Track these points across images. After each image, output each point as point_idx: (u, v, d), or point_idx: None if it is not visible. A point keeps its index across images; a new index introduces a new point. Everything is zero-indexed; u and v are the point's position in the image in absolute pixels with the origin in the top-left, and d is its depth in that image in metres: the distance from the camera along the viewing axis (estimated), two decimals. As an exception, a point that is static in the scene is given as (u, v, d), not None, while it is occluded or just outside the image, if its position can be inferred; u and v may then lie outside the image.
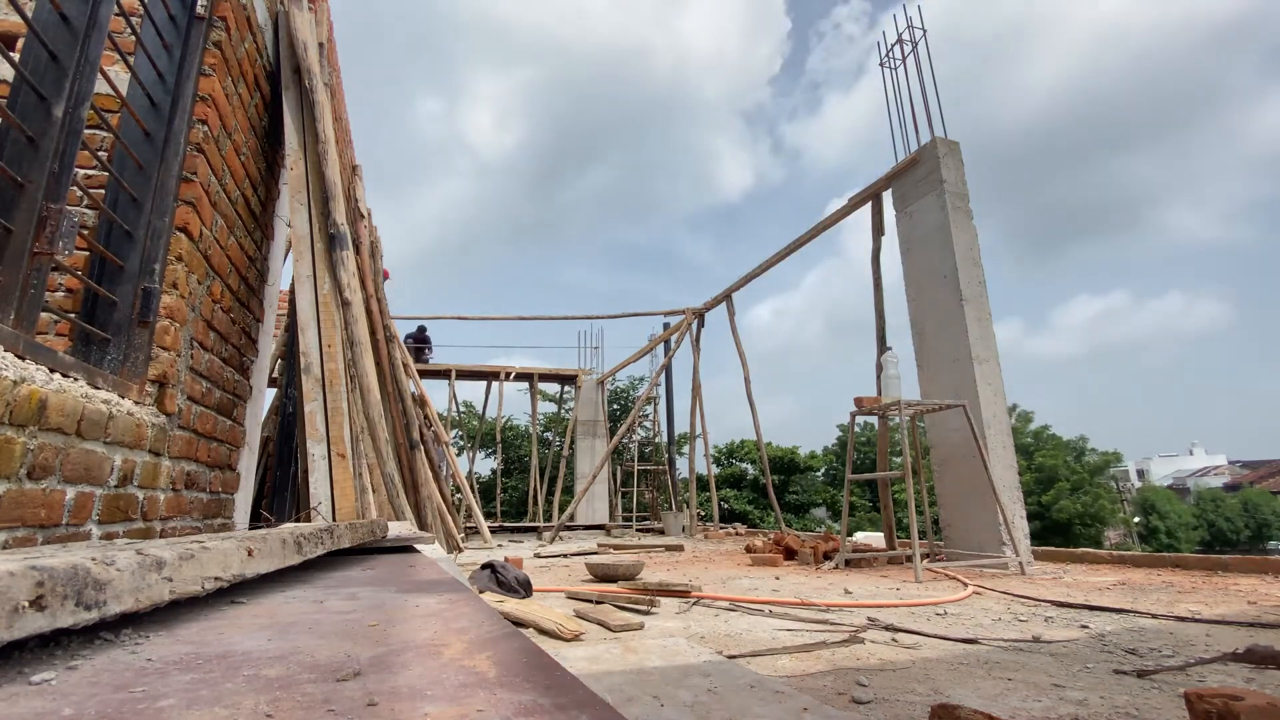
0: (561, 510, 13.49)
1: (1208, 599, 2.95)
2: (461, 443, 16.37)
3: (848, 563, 4.76)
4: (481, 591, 2.95)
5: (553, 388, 19.02)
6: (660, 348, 12.58)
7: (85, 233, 1.69)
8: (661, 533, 10.71)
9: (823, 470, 27.36)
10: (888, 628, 2.36)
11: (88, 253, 1.92)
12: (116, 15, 1.72)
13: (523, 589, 3.10)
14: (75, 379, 1.48)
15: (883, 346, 5.73)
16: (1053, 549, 5.00)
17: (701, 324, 10.48)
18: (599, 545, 7.27)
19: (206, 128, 2.14)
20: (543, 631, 2.26)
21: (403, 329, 13.25)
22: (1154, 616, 2.52)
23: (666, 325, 12.14)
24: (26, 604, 0.45)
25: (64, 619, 0.49)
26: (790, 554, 5.31)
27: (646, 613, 2.77)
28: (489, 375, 14.55)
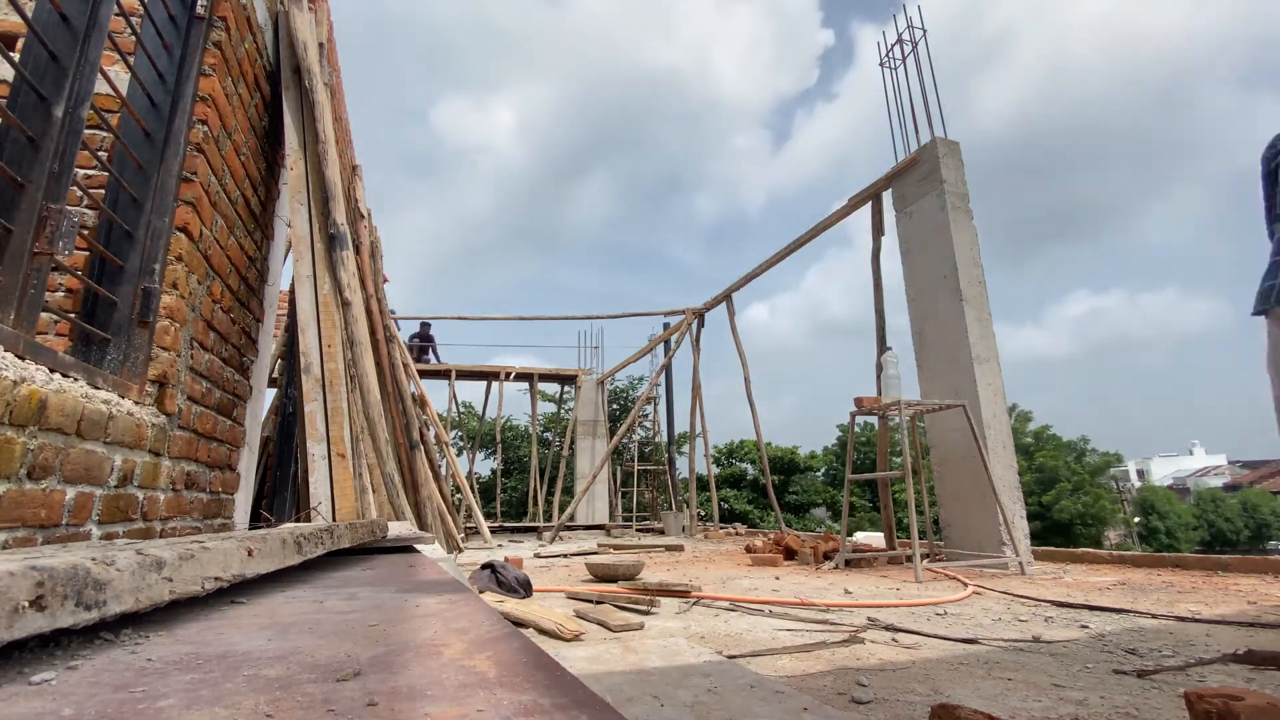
0: (561, 510, 13.49)
1: (1208, 599, 2.95)
2: (461, 443, 16.37)
3: (848, 563, 4.76)
4: (481, 591, 2.95)
5: (552, 388, 19.03)
6: (660, 348, 12.58)
7: (85, 233, 1.69)
8: (661, 533, 10.71)
9: (823, 470, 27.36)
10: (888, 628, 2.36)
11: (88, 253, 1.92)
12: (116, 15, 1.72)
13: (523, 589, 3.10)
14: (75, 379, 1.48)
15: (883, 346, 5.73)
16: (1053, 549, 5.00)
17: (701, 324, 10.48)
18: (599, 545, 7.27)
19: (206, 128, 2.14)
20: (543, 631, 2.26)
21: (404, 328, 13.24)
22: (1154, 616, 2.52)
23: (666, 325, 12.14)
24: (26, 604, 0.45)
25: (64, 619, 0.49)
26: (790, 554, 5.31)
27: (646, 613, 2.76)
28: (489, 375, 14.55)
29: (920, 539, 4.71)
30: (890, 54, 6.16)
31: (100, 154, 2.34)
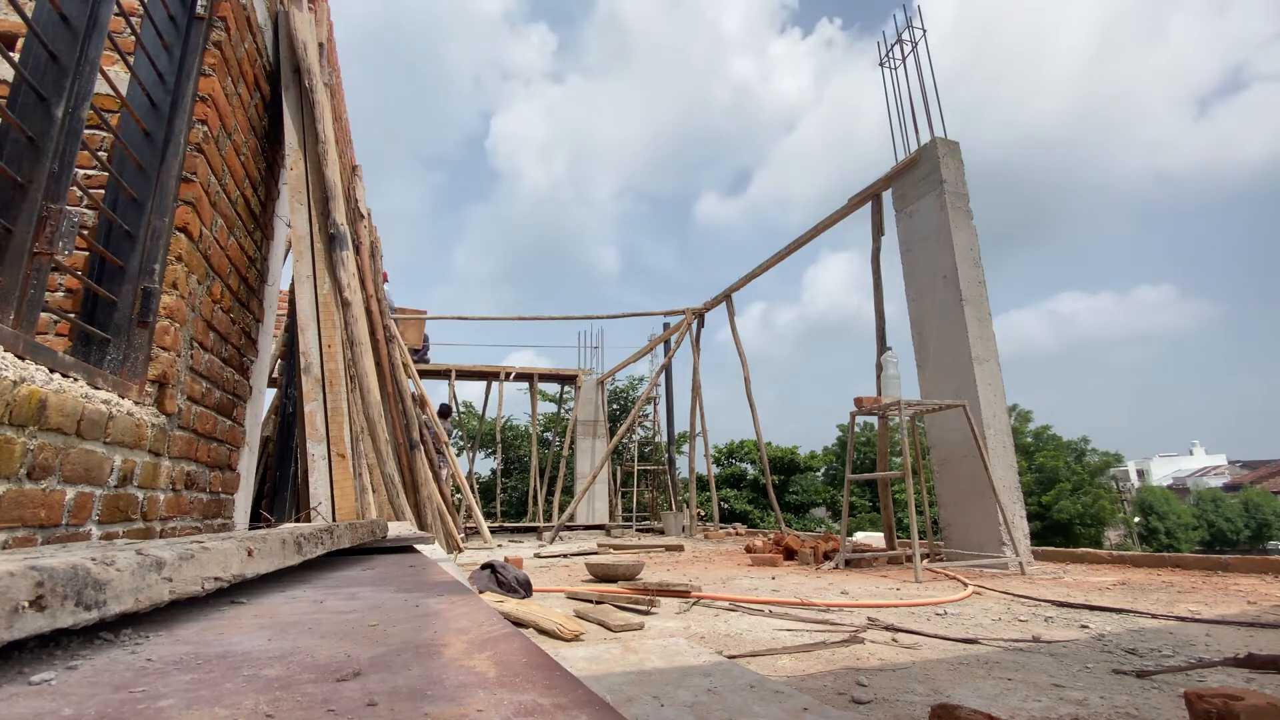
0: (561, 510, 13.49)
1: (1208, 599, 2.95)
2: (461, 443, 16.36)
3: (848, 563, 4.76)
4: (481, 592, 2.95)
5: (553, 388, 19.03)
6: (660, 348, 12.58)
7: (85, 233, 1.69)
8: (661, 533, 10.71)
9: (823, 470, 27.36)
10: (888, 628, 2.36)
11: (88, 253, 1.92)
12: (116, 15, 1.72)
13: (523, 589, 3.10)
14: (75, 379, 1.48)
15: (883, 346, 5.73)
16: (1053, 549, 4.99)
17: (701, 324, 10.48)
18: (599, 545, 7.26)
19: (206, 128, 2.14)
20: (543, 631, 2.26)
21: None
22: (1154, 616, 2.52)
23: (666, 325, 12.14)
24: (26, 604, 0.45)
25: (64, 619, 0.49)
26: (790, 554, 5.31)
27: (646, 613, 2.76)
28: (489, 375, 14.54)
29: (920, 539, 4.71)
30: (890, 54, 6.16)
31: (100, 154, 2.34)
